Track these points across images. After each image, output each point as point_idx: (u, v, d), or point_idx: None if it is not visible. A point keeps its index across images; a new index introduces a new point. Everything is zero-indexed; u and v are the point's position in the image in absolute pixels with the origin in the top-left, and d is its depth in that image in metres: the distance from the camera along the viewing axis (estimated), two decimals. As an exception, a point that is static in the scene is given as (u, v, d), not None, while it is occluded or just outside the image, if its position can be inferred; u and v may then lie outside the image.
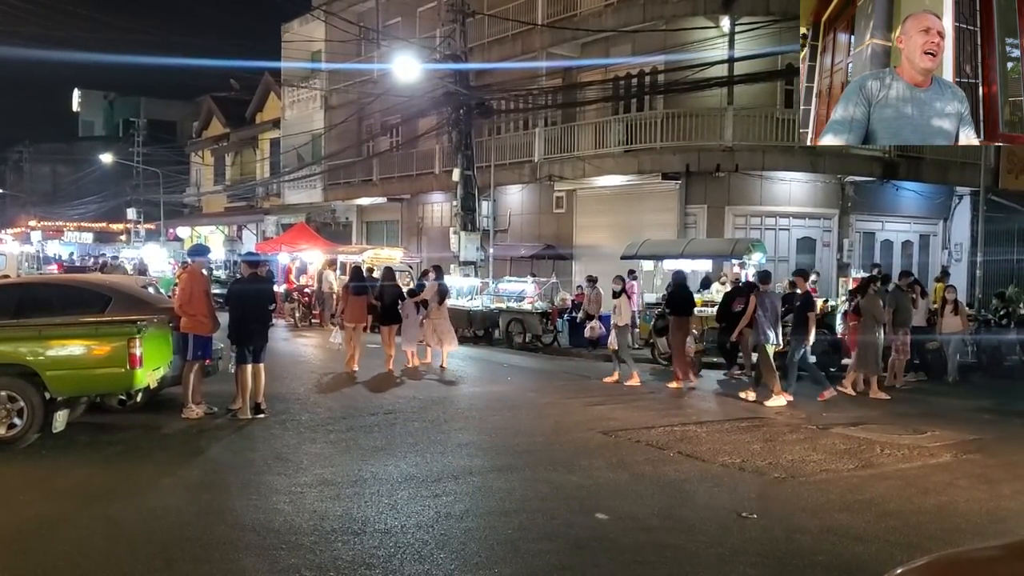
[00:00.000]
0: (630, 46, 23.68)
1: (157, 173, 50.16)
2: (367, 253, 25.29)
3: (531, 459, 8.57)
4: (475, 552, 5.81)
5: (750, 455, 8.79)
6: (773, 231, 22.47)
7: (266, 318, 10.88)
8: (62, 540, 6.00)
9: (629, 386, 13.57)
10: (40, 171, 66.93)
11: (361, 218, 36.46)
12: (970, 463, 8.72)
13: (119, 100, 68.80)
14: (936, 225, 25.46)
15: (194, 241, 43.17)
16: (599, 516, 6.68)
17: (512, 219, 27.55)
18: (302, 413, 10.84)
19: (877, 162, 22.29)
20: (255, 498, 7.04)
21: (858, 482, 7.89)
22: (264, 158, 43.53)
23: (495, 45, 26.90)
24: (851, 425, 10.45)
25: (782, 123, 21.29)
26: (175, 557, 5.69)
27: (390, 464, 8.22)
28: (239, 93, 46.17)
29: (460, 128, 22.91)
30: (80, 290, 11.08)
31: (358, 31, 30.89)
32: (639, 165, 22.46)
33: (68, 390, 8.83)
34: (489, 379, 14.75)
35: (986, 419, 10.90)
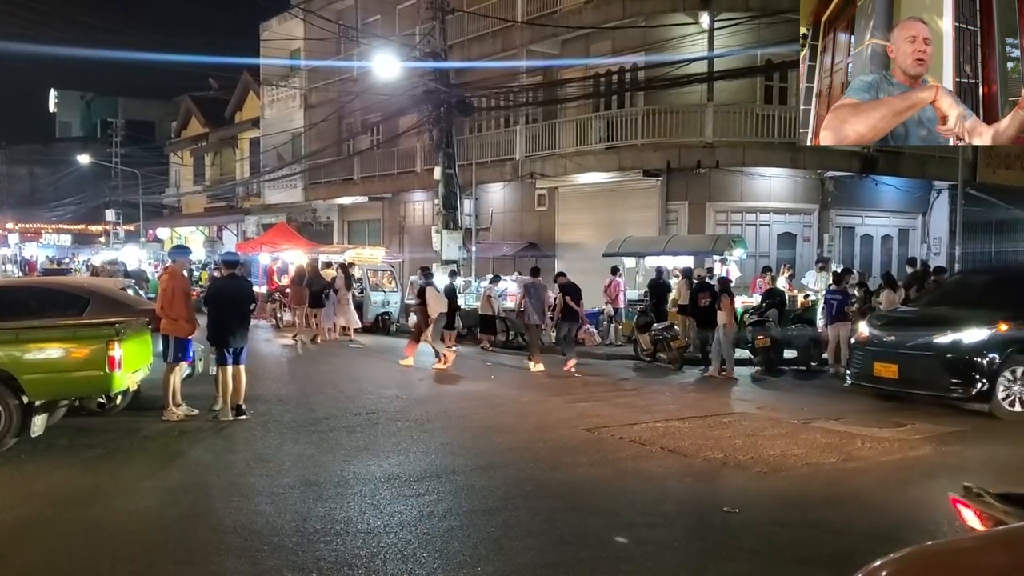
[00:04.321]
0: (610, 43, 23.71)
1: (136, 174, 49.84)
2: (349, 252, 25.25)
3: (514, 457, 8.57)
4: (458, 551, 5.80)
5: (732, 450, 8.82)
6: (754, 227, 22.57)
7: (246, 319, 10.80)
8: (41, 544, 5.94)
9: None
10: (17, 172, 66.25)
11: (342, 217, 36.36)
12: (950, 455, 8.78)
13: (96, 100, 68.28)
14: (915, 219, 25.66)
15: (174, 242, 42.89)
16: (582, 513, 6.69)
17: (494, 217, 27.54)
18: (284, 414, 10.79)
19: (856, 157, 22.41)
20: (237, 500, 7.00)
21: (839, 476, 7.94)
22: (244, 158, 43.30)
23: (475, 42, 26.86)
24: (833, 419, 10.51)
25: (762, 119, 21.40)
26: (156, 560, 5.65)
27: (373, 464, 8.20)
28: (218, 92, 45.93)
29: (441, 126, 22.85)
30: (58, 292, 10.99)
31: (337, 29, 30.75)
32: (620, 162, 22.48)
33: (46, 394, 8.73)
34: (472, 378, 14.73)
35: (965, 412, 10.98)
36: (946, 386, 10.86)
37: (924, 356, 11.08)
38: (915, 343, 11.27)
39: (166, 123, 57.18)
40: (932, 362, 11.00)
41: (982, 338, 10.78)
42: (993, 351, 10.66)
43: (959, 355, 10.81)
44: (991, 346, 10.70)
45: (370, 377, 14.38)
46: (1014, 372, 10.61)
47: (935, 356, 10.97)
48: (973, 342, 10.79)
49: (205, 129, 46.34)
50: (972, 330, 10.87)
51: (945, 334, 11.02)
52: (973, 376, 10.64)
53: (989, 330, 10.81)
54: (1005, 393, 10.60)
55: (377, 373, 14.89)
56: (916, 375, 11.13)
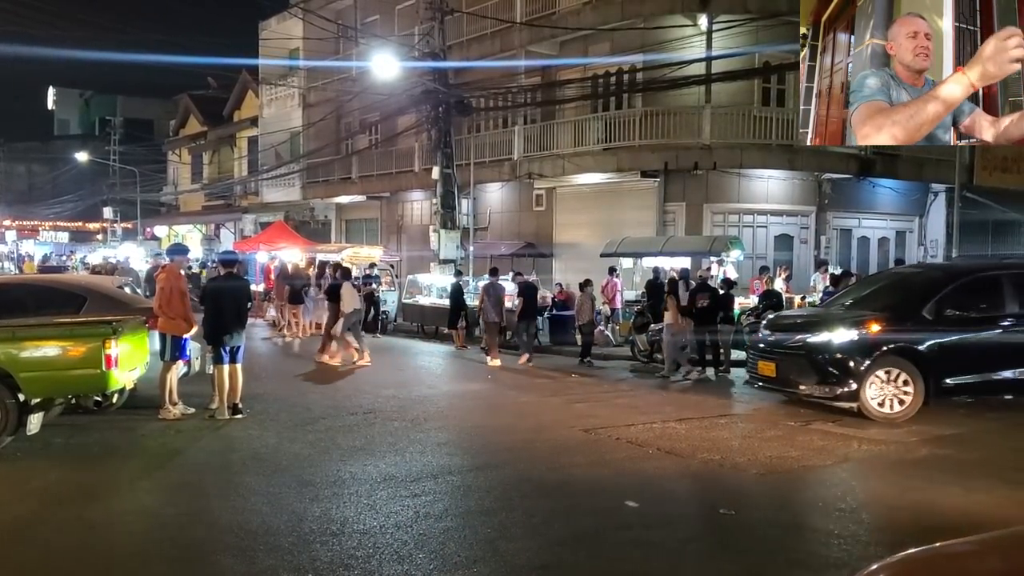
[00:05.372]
0: (608, 44, 23.73)
1: (134, 172, 49.77)
2: (346, 251, 25.21)
3: (511, 457, 8.57)
4: (454, 552, 5.79)
5: (729, 451, 8.83)
6: (751, 228, 22.60)
7: (243, 317, 10.80)
8: (37, 542, 5.94)
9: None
10: (15, 170, 66.22)
11: (340, 216, 36.34)
12: (946, 458, 8.78)
13: (95, 98, 68.24)
14: (912, 221, 25.71)
15: (171, 240, 42.85)
16: (579, 514, 6.69)
17: (492, 217, 27.54)
18: (280, 413, 10.79)
19: (853, 159, 22.46)
20: (233, 499, 7.00)
21: (835, 478, 7.95)
22: (242, 156, 43.27)
23: (474, 43, 26.86)
24: (829, 421, 10.51)
25: (760, 121, 21.43)
26: (152, 559, 5.65)
27: (369, 464, 8.19)
28: (217, 91, 45.87)
29: (439, 126, 22.86)
30: (55, 290, 10.97)
31: (336, 29, 30.74)
32: (618, 163, 22.50)
33: (43, 392, 8.72)
34: (469, 377, 14.74)
35: (962, 414, 10.98)
36: (813, 384, 10.99)
37: (797, 356, 11.25)
38: (791, 343, 11.43)
39: (164, 121, 57.10)
40: (802, 362, 11.16)
41: (850, 339, 10.87)
42: (861, 352, 10.71)
43: (827, 355, 10.90)
44: (860, 347, 10.76)
45: (367, 376, 14.38)
46: (889, 373, 10.59)
47: (805, 356, 11.12)
48: (841, 343, 10.89)
49: (203, 127, 46.29)
50: (841, 331, 10.99)
51: (817, 334, 11.16)
52: (839, 376, 10.73)
53: (858, 331, 10.92)
54: (876, 393, 10.59)
55: (374, 373, 14.87)
56: (790, 374, 11.31)
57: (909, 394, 10.52)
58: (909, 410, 10.50)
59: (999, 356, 10.95)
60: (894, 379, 10.57)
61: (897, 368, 10.57)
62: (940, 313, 10.83)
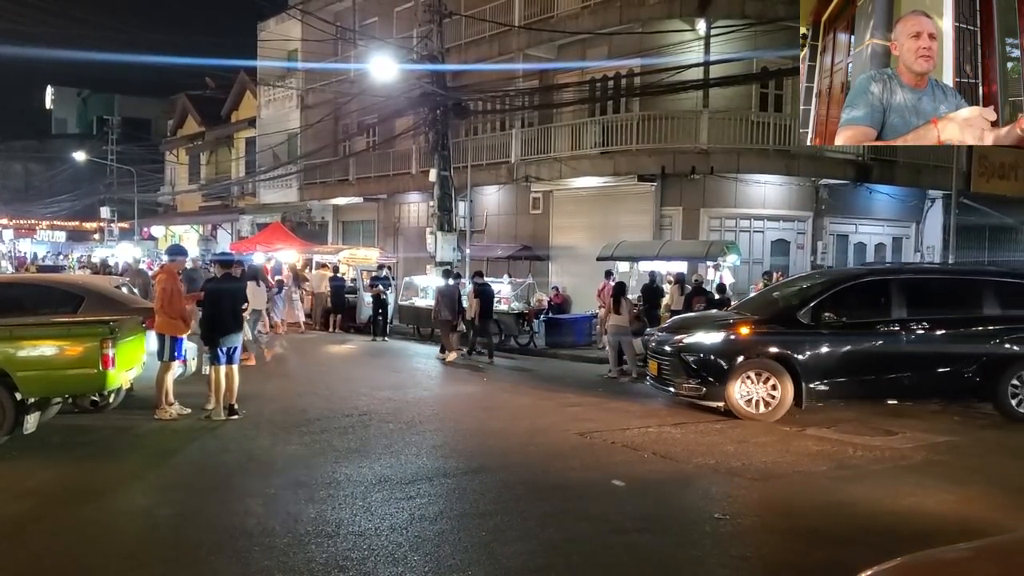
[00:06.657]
0: (606, 48, 23.76)
1: (131, 171, 49.71)
2: (343, 253, 25.24)
3: (506, 461, 8.57)
4: (449, 554, 5.80)
5: (724, 456, 8.84)
6: (748, 233, 22.62)
7: (240, 318, 10.81)
8: (32, 542, 5.94)
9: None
10: (12, 169, 66.15)
11: (337, 218, 36.34)
12: (941, 465, 8.80)
13: (93, 97, 68.20)
14: (909, 227, 25.75)
15: (169, 240, 42.81)
16: (574, 518, 6.69)
17: (489, 220, 27.54)
18: (276, 414, 10.78)
19: (851, 165, 22.50)
20: (228, 500, 7.00)
21: (830, 483, 7.95)
22: (239, 157, 43.26)
23: (472, 46, 26.90)
24: (825, 427, 10.53)
25: (757, 126, 21.45)
26: (147, 559, 5.65)
27: (364, 466, 8.20)
28: (214, 91, 45.87)
29: (437, 128, 22.84)
30: (52, 290, 10.96)
31: (335, 30, 30.75)
32: (615, 167, 22.54)
33: (40, 391, 8.72)
34: (464, 380, 14.74)
35: (956, 421, 11.01)
36: (682, 383, 11.31)
37: (673, 356, 11.50)
38: (670, 343, 11.66)
39: (162, 121, 57.06)
40: (675, 361, 11.43)
41: (719, 341, 11.14)
42: (728, 353, 10.95)
43: (698, 355, 11.20)
44: (727, 348, 11.01)
45: (363, 378, 14.37)
46: (760, 375, 10.77)
47: (677, 356, 11.39)
48: (711, 344, 11.18)
49: (201, 128, 46.27)
50: (712, 333, 11.31)
51: (692, 335, 11.45)
52: (706, 376, 11.03)
53: (726, 333, 11.18)
54: (744, 393, 10.80)
55: (370, 374, 14.87)
56: (666, 373, 11.64)
57: (775, 396, 10.77)
58: (777, 411, 10.77)
59: (874, 361, 11.10)
60: (763, 380, 10.81)
61: (766, 371, 10.80)
62: (817, 318, 10.99)
